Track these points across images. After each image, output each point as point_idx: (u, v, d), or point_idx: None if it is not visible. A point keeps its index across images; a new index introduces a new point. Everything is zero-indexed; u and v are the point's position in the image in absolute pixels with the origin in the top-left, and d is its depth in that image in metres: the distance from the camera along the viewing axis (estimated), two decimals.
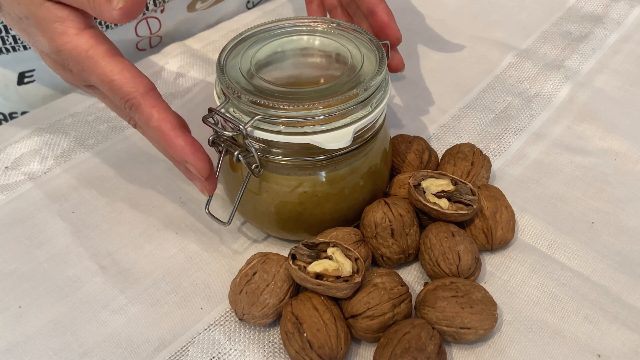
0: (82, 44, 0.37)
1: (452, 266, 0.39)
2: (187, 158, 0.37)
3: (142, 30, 0.62)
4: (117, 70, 0.37)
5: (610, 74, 0.60)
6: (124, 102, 0.37)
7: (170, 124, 0.37)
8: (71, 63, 0.37)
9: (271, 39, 0.44)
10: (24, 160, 0.51)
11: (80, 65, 0.37)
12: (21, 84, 0.60)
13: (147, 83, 0.37)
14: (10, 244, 0.45)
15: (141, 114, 0.37)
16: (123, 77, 0.37)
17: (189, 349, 0.38)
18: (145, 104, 0.37)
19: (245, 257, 0.43)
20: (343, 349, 0.35)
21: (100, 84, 0.37)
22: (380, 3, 0.47)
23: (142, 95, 0.37)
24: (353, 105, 0.38)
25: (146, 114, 0.37)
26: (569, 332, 0.38)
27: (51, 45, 0.37)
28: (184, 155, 0.37)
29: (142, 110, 0.37)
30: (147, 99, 0.37)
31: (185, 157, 0.37)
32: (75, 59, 0.37)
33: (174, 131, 0.37)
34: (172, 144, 0.37)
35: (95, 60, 0.37)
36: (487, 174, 0.46)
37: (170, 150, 0.37)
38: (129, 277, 0.42)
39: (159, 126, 0.37)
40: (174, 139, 0.37)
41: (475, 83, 0.59)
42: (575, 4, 0.70)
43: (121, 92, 0.37)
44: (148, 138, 0.40)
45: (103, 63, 0.37)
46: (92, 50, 0.37)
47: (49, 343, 0.39)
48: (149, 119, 0.37)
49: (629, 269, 0.42)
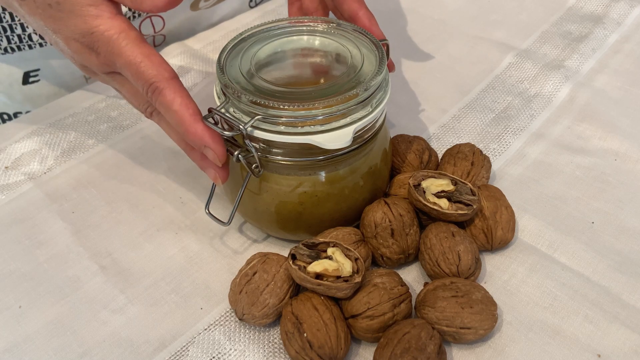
0: (115, 27, 0.38)
1: (452, 266, 0.39)
2: (206, 143, 0.38)
3: (146, 29, 0.62)
4: (145, 55, 0.38)
5: (610, 74, 0.60)
6: (148, 86, 0.38)
7: (192, 109, 0.38)
8: (101, 45, 0.38)
9: (271, 39, 0.44)
10: (24, 160, 0.51)
11: (110, 48, 0.38)
12: (26, 83, 0.60)
13: (172, 70, 0.39)
14: (10, 244, 0.45)
15: (164, 97, 0.38)
16: (150, 61, 0.38)
17: (189, 349, 0.38)
18: (169, 89, 0.38)
19: (245, 257, 0.43)
20: (343, 349, 0.35)
21: (126, 66, 0.38)
22: (361, 8, 0.48)
23: (167, 80, 0.38)
24: (353, 105, 0.38)
25: (169, 98, 0.38)
26: (569, 332, 0.38)
27: (84, 28, 0.38)
28: (204, 139, 0.38)
29: (165, 94, 0.38)
30: (171, 84, 0.38)
31: (205, 141, 0.38)
32: (106, 41, 0.38)
33: (195, 116, 0.38)
34: (193, 128, 0.38)
35: (126, 44, 0.38)
36: (487, 174, 0.46)
37: (191, 135, 0.38)
38: (129, 277, 0.42)
39: (180, 110, 0.38)
40: (195, 123, 0.38)
41: (475, 83, 0.59)
42: (575, 4, 0.70)
43: (146, 76, 0.38)
44: (164, 126, 0.41)
45: (132, 47, 0.38)
46: (124, 34, 0.38)
47: (49, 343, 0.39)
48: (171, 103, 0.38)
49: (629, 269, 0.42)
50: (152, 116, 0.42)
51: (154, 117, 0.42)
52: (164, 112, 0.39)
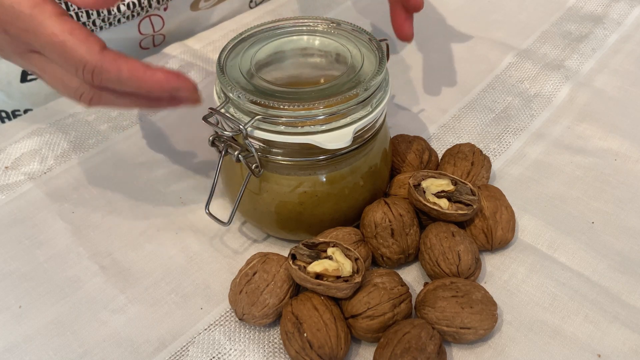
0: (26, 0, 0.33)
1: (452, 266, 0.39)
2: (175, 84, 0.35)
3: (146, 28, 0.62)
4: (68, 30, 0.33)
5: (610, 74, 0.60)
6: (82, 67, 0.33)
7: (141, 66, 0.34)
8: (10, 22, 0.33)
9: (271, 39, 0.44)
10: (24, 160, 0.51)
11: (23, 24, 0.33)
12: (24, 81, 0.60)
13: (100, 41, 0.34)
14: (10, 244, 0.45)
15: (108, 72, 0.34)
16: (75, 37, 0.33)
17: (189, 349, 0.38)
18: (108, 60, 0.33)
19: (245, 257, 0.42)
20: (343, 349, 0.35)
21: (48, 46, 0.33)
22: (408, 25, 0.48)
23: (99, 53, 0.33)
24: (353, 105, 0.38)
25: (114, 69, 0.34)
26: (569, 332, 0.38)
27: None
28: (171, 82, 0.35)
29: (107, 68, 0.33)
30: (107, 55, 0.34)
31: (172, 83, 0.35)
32: (17, 16, 0.33)
33: (149, 70, 0.35)
34: (153, 79, 0.35)
35: (41, 19, 0.33)
36: (487, 174, 0.46)
37: (157, 87, 0.35)
38: (129, 277, 0.42)
39: (132, 73, 0.34)
40: (154, 74, 0.35)
41: (475, 83, 0.59)
42: (575, 4, 0.70)
43: (76, 56, 0.33)
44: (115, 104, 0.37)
45: (50, 22, 0.33)
46: (38, 9, 0.33)
47: (49, 343, 0.39)
48: (118, 72, 0.34)
49: (629, 269, 0.42)
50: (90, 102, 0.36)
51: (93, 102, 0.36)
52: (116, 85, 0.35)
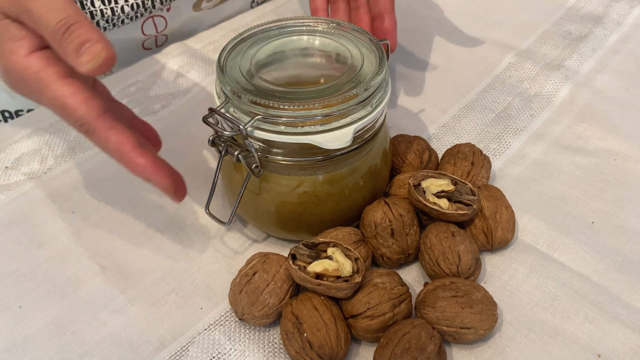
0: (32, 65, 0.35)
1: (452, 266, 0.39)
2: (149, 177, 0.37)
3: (149, 29, 0.62)
4: (69, 94, 0.35)
5: (610, 74, 0.60)
6: (79, 126, 0.36)
7: (129, 144, 0.36)
8: (20, 84, 0.36)
9: (271, 39, 0.44)
10: (24, 160, 0.51)
11: (30, 87, 0.36)
12: None
13: (101, 105, 0.36)
14: (10, 244, 0.45)
15: (98, 137, 0.36)
16: (75, 100, 0.35)
17: (189, 349, 0.38)
18: (101, 128, 0.36)
19: (245, 257, 0.43)
20: (343, 349, 0.35)
21: (52, 107, 0.36)
22: (392, 12, 0.48)
23: (96, 118, 0.36)
24: (353, 105, 0.38)
25: (103, 137, 0.36)
26: (569, 332, 0.38)
27: (2, 63, 0.36)
28: (147, 174, 0.37)
29: (98, 133, 0.36)
30: (102, 122, 0.36)
31: (147, 176, 0.37)
32: (23, 80, 0.36)
33: (134, 151, 0.36)
34: (133, 164, 0.36)
35: (46, 82, 0.35)
36: (487, 174, 0.46)
37: (132, 170, 0.37)
38: (129, 277, 0.42)
39: (118, 148, 0.36)
40: (135, 159, 0.36)
41: (475, 83, 0.59)
42: (575, 4, 0.70)
43: (74, 116, 0.35)
44: None
45: (54, 86, 0.35)
46: (43, 72, 0.35)
47: (49, 343, 0.39)
48: (106, 142, 0.36)
49: (629, 269, 0.42)
50: None
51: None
52: (102, 149, 0.37)
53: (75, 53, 0.34)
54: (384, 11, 0.49)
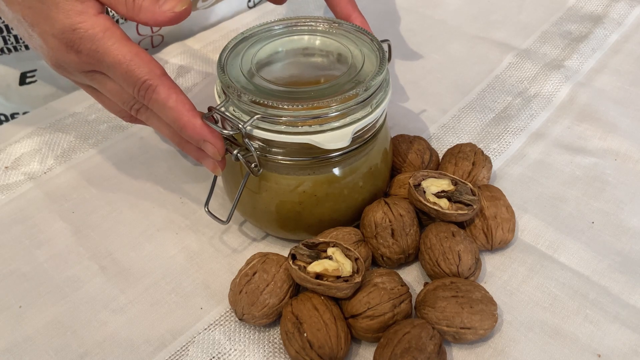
0: (100, 24, 0.37)
1: (452, 266, 0.39)
2: (206, 137, 0.38)
3: (144, 29, 0.62)
4: (134, 54, 0.37)
5: (610, 74, 0.60)
6: (141, 84, 0.37)
7: (188, 105, 0.38)
8: (84, 43, 0.37)
9: (272, 38, 0.44)
10: (24, 160, 0.51)
11: (95, 45, 0.37)
12: (23, 84, 0.60)
13: (162, 68, 0.38)
14: (10, 244, 0.45)
15: (158, 94, 0.38)
16: (140, 59, 0.37)
17: (189, 348, 0.38)
18: (163, 85, 0.38)
19: (245, 257, 0.43)
20: (343, 349, 0.35)
21: (114, 65, 0.37)
22: (354, 11, 0.48)
23: (159, 77, 0.38)
24: (353, 105, 0.38)
25: (164, 95, 0.37)
26: (569, 332, 0.38)
27: (66, 23, 0.37)
28: (203, 134, 0.38)
29: (159, 91, 0.37)
30: (164, 80, 0.38)
31: (204, 136, 0.38)
32: (90, 38, 0.37)
33: (192, 112, 0.38)
34: (191, 123, 0.38)
35: (112, 42, 0.37)
36: (488, 174, 0.46)
37: (189, 130, 0.38)
38: (129, 277, 0.42)
39: (177, 107, 0.38)
40: (192, 119, 0.38)
41: (475, 83, 0.59)
42: (575, 4, 0.70)
43: (138, 73, 0.37)
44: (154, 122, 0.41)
45: (119, 45, 0.37)
46: (110, 32, 0.37)
47: (49, 343, 0.39)
48: (166, 99, 0.38)
49: (629, 269, 0.42)
50: (138, 113, 0.41)
51: (140, 114, 0.41)
52: (159, 110, 0.38)
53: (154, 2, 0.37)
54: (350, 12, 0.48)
